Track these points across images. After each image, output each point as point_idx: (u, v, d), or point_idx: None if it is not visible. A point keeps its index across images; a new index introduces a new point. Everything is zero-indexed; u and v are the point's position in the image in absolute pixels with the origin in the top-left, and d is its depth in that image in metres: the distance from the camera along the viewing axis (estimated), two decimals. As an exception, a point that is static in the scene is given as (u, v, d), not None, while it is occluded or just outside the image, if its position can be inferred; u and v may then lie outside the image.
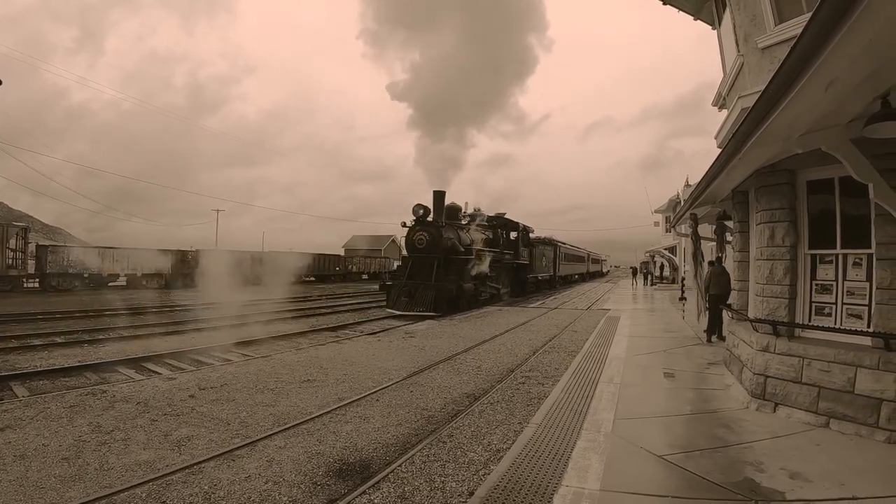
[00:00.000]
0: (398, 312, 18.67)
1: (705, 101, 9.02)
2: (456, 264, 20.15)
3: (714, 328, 10.81)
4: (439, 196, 20.64)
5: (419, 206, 19.92)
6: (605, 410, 5.96)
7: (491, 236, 25.44)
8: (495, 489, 3.92)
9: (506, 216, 27.89)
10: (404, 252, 20.85)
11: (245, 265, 36.83)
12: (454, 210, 23.41)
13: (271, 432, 5.39)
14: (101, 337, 12.66)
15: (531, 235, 30.66)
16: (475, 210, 26.75)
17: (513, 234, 27.79)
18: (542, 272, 33.10)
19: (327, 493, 4.09)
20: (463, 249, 21.07)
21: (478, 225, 25.09)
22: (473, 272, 21.21)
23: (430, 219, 20.06)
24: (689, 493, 3.82)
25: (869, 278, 5.17)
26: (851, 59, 2.91)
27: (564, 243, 43.95)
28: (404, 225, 20.44)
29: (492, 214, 27.29)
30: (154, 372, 9.06)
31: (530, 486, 3.96)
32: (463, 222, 24.18)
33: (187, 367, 9.51)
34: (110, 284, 31.45)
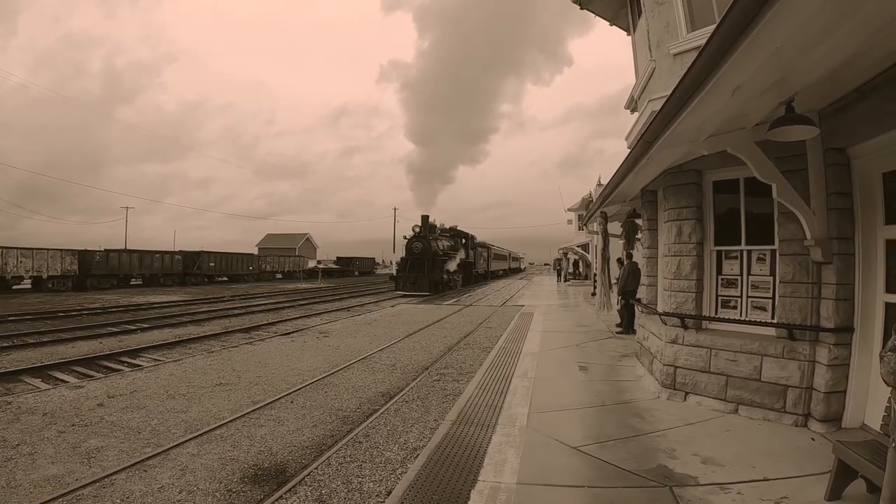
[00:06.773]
0: (406, 293, 29.02)
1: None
2: (438, 263, 31.44)
3: (633, 323, 11.10)
4: (425, 218, 32.54)
5: (416, 225, 31.87)
6: (520, 405, 6.01)
7: (453, 243, 36.95)
8: (412, 487, 3.85)
9: (458, 227, 40.10)
10: (403, 255, 32.56)
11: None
12: (433, 226, 34.33)
13: (184, 439, 5.19)
14: (5, 345, 11.53)
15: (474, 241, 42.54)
16: (441, 224, 38.07)
17: (463, 240, 39.40)
18: (480, 268, 45.57)
19: (243, 499, 3.96)
20: (441, 253, 32.63)
21: (445, 235, 36.66)
22: (448, 268, 32.92)
23: (421, 233, 31.52)
24: (604, 482, 3.89)
25: (772, 273, 5.48)
26: (757, 67, 3.00)
27: (493, 245, 55.01)
28: (405, 238, 32.31)
29: (448, 227, 39.15)
30: (61, 380, 8.44)
31: (447, 483, 3.91)
32: (437, 234, 34.91)
33: (95, 374, 8.89)
34: (14, 287, 29.24)
